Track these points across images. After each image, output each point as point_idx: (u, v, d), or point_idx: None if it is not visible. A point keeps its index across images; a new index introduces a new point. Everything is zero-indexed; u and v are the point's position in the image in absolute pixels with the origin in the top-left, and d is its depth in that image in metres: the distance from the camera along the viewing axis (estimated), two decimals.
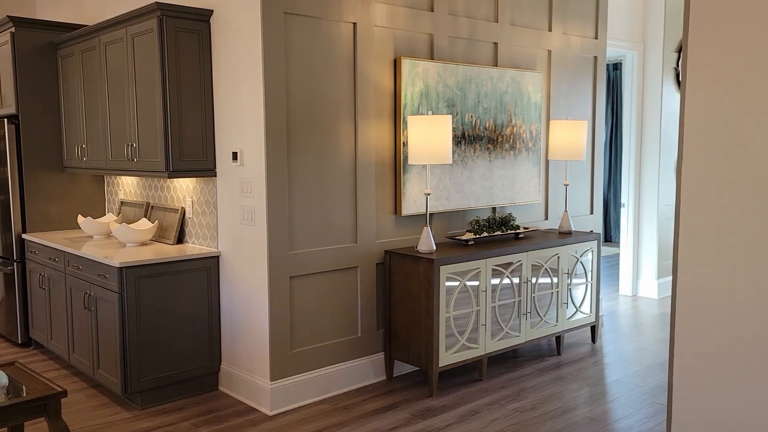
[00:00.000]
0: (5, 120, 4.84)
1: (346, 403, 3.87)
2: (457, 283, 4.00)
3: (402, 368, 4.33)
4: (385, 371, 4.26)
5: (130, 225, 4.43)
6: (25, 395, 2.53)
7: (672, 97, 6.45)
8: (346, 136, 3.95)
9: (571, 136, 4.79)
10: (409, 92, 4.15)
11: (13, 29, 4.73)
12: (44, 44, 4.89)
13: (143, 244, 4.31)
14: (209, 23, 3.92)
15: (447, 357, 3.98)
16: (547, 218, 5.25)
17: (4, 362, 2.86)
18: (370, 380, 4.19)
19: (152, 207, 4.65)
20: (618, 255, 8.53)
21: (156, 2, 3.69)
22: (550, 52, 5.10)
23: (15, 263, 4.94)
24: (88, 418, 3.71)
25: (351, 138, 3.98)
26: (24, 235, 4.88)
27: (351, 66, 3.93)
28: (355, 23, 3.90)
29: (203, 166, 3.99)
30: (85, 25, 4.91)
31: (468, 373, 4.35)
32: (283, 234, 3.71)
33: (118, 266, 3.70)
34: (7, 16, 4.66)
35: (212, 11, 3.88)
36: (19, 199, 4.91)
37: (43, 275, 4.63)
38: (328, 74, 3.83)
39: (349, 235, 4.03)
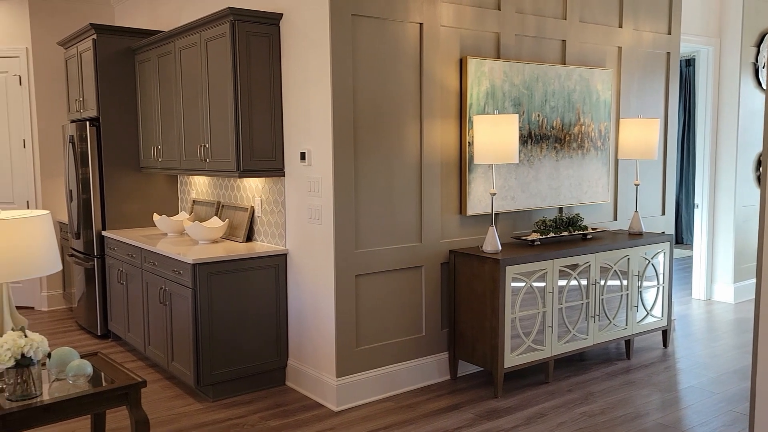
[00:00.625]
0: (87, 123, 5.09)
1: (410, 402, 3.89)
2: (522, 284, 3.96)
3: (466, 368, 4.32)
4: (449, 371, 4.25)
5: (203, 223, 4.58)
6: (107, 384, 2.66)
7: (751, 93, 6.17)
8: (411, 135, 3.97)
9: (643, 134, 4.66)
10: (475, 91, 4.14)
11: (94, 36, 4.98)
12: (123, 50, 5.12)
13: (214, 241, 4.46)
14: (279, 27, 4.02)
15: (512, 358, 3.95)
16: (616, 219, 5.12)
17: (87, 353, 3.01)
18: (434, 379, 4.19)
19: (223, 206, 4.80)
20: (689, 257, 8.24)
21: (229, 7, 3.81)
22: (620, 48, 4.98)
23: (95, 259, 5.19)
24: (163, 408, 3.86)
25: (416, 138, 3.99)
26: (104, 233, 5.12)
27: (417, 66, 3.95)
28: (421, 23, 3.92)
29: (272, 166, 4.09)
30: (161, 31, 5.11)
31: (534, 375, 4.30)
32: (349, 233, 3.77)
33: (191, 263, 3.84)
34: (90, 24, 4.91)
35: (282, 15, 3.98)
36: (99, 198, 5.15)
37: (121, 271, 4.85)
38: (394, 75, 3.86)
39: (413, 235, 4.04)
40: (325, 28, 3.61)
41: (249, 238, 4.49)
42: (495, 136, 3.84)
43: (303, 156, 3.90)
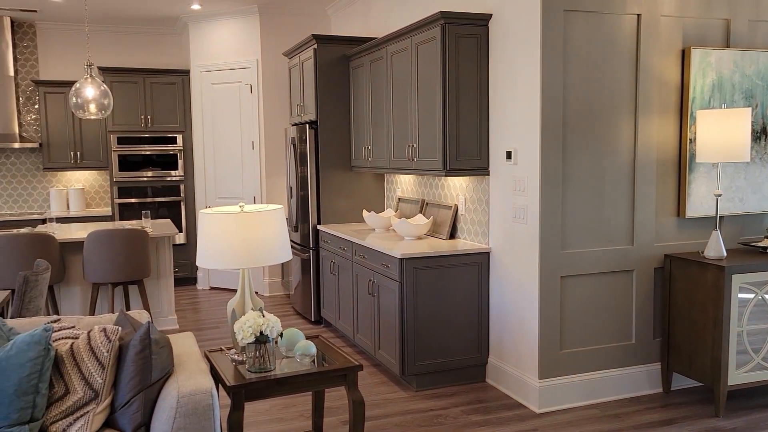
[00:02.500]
0: (307, 126, 5.56)
1: (617, 411, 3.71)
2: (752, 295, 3.58)
3: (681, 381, 4.02)
4: (661, 383, 3.99)
5: (409, 220, 4.78)
6: (329, 365, 2.90)
7: None
8: (624, 133, 3.78)
9: None
10: (699, 84, 3.83)
11: (315, 46, 5.42)
12: (339, 57, 5.51)
13: (419, 237, 4.63)
14: (487, 27, 4.05)
15: (738, 376, 3.59)
16: None
17: (309, 335, 3.30)
18: (644, 391, 3.96)
19: (427, 203, 4.97)
20: None
21: (440, 12, 3.93)
22: None
23: (311, 251, 5.65)
24: (370, 393, 4.10)
25: (630, 135, 3.80)
26: (318, 227, 5.56)
27: (632, 60, 3.75)
28: (639, 14, 3.72)
29: (477, 165, 4.14)
30: (373, 38, 5.42)
31: (763, 396, 3.87)
32: (555, 233, 3.69)
33: (399, 257, 4.03)
34: (312, 35, 5.35)
35: (491, 15, 4.01)
36: (315, 194, 5.61)
37: (334, 262, 5.23)
38: (607, 70, 3.71)
39: (624, 237, 3.85)
40: (536, 25, 3.58)
41: (452, 235, 4.59)
42: (722, 132, 3.52)
43: (509, 155, 3.90)
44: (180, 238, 7.50)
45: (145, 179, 7.27)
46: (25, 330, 2.76)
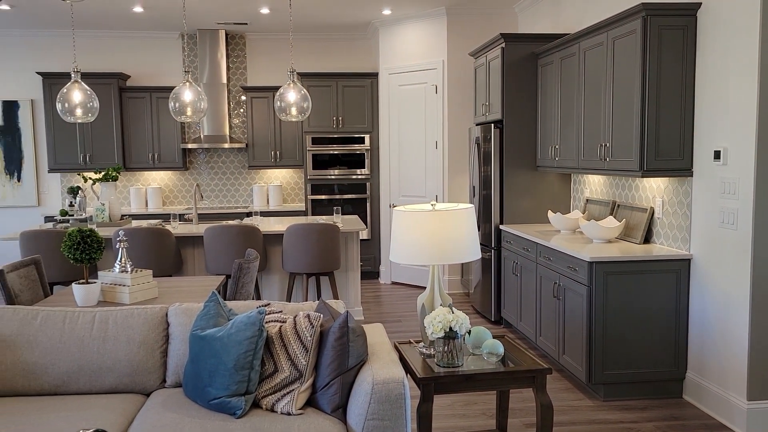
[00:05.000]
0: (492, 125, 5.55)
1: None
2: None
3: None
4: None
5: (599, 222, 4.58)
6: (515, 366, 2.89)
7: None
8: None
9: None
10: None
11: (503, 44, 5.40)
12: (526, 55, 5.43)
13: (609, 241, 4.42)
14: (695, 17, 3.76)
15: None
16: None
17: (495, 335, 3.30)
18: None
19: (618, 205, 4.73)
20: None
21: (642, 3, 3.72)
22: None
23: (492, 250, 5.64)
24: (554, 399, 4.00)
25: None
26: (501, 226, 5.53)
27: None
28: None
29: (678, 166, 3.86)
30: (564, 34, 5.27)
31: None
32: None
33: (588, 260, 3.88)
34: (500, 33, 5.33)
35: (700, 4, 3.71)
36: (498, 194, 5.58)
37: (516, 263, 5.17)
38: None
39: None
40: (755, 12, 3.25)
41: (646, 239, 4.33)
42: None
43: (717, 154, 3.58)
44: (364, 234, 7.87)
45: (332, 177, 7.73)
46: (241, 312, 3.07)
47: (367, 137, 7.71)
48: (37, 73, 7.47)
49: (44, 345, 2.89)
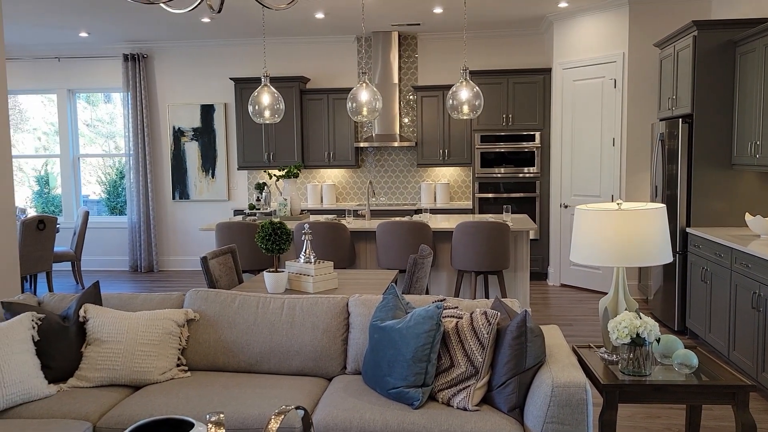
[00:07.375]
0: (679, 120, 5.14)
1: None
2: None
3: None
4: None
5: None
6: (710, 380, 2.65)
7: None
8: None
9: None
10: None
11: (695, 33, 4.98)
12: (722, 43, 4.96)
13: None
14: None
15: None
16: None
17: (686, 346, 3.05)
18: None
19: None
20: None
21: None
22: None
23: (677, 255, 5.23)
24: None
25: None
26: (688, 229, 5.11)
27: None
28: None
29: None
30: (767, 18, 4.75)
31: None
32: None
33: None
34: (692, 21, 4.93)
35: None
36: (686, 194, 5.16)
37: (705, 269, 4.75)
38: None
39: None
40: None
41: None
42: None
43: None
44: (533, 234, 7.68)
45: (499, 175, 7.62)
46: (418, 305, 3.13)
47: (537, 135, 7.51)
48: (230, 78, 8.18)
49: (241, 326, 3.15)
